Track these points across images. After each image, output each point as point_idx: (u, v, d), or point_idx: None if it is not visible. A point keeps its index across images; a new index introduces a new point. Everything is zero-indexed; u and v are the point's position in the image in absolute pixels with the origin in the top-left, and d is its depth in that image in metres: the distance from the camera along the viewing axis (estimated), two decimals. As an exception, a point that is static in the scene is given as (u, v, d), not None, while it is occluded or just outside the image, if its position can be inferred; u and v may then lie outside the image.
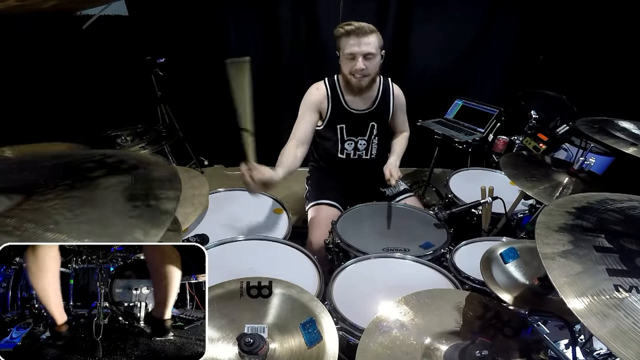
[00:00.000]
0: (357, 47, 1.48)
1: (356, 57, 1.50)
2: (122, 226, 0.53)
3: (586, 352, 0.77)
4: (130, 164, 0.67)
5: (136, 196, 0.58)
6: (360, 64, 1.50)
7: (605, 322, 0.48)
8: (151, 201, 0.58)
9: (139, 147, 2.07)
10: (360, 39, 1.46)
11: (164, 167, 0.67)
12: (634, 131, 1.26)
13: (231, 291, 0.91)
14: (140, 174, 0.64)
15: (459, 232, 1.41)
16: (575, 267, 0.55)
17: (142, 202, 0.57)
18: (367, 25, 1.48)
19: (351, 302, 1.05)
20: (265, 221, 1.51)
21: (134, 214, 0.55)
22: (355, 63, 1.50)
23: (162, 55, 2.58)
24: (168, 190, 0.61)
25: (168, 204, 0.58)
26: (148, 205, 0.57)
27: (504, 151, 2.47)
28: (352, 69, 1.53)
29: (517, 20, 2.69)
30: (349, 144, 1.72)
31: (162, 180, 0.63)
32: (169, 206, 0.57)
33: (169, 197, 0.59)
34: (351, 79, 1.57)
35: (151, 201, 0.58)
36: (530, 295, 0.91)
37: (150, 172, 0.65)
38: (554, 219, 0.66)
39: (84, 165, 0.66)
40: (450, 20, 2.68)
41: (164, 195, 0.59)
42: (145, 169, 0.66)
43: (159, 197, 0.58)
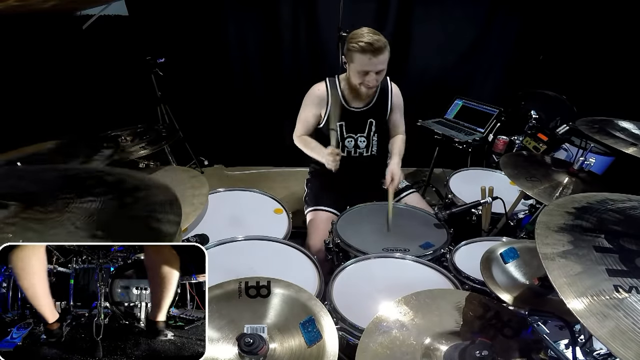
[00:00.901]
0: (371, 66, 1.49)
1: (370, 73, 1.51)
2: None
3: (586, 352, 0.77)
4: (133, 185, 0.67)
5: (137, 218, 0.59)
6: (374, 81, 1.53)
7: (605, 322, 0.48)
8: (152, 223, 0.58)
9: (139, 147, 2.07)
10: (377, 57, 1.46)
11: (164, 191, 0.67)
12: (634, 131, 1.26)
13: (230, 291, 0.91)
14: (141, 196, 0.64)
15: (459, 232, 1.41)
16: (575, 267, 0.55)
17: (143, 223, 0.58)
18: (381, 40, 1.46)
19: (351, 302, 1.05)
20: (265, 221, 1.51)
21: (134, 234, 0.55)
22: (367, 77, 1.53)
23: (162, 55, 2.58)
24: (169, 214, 0.61)
25: (169, 227, 0.58)
26: (149, 228, 0.57)
27: (504, 151, 2.47)
28: (364, 80, 1.55)
29: (517, 20, 2.69)
30: (348, 141, 1.74)
31: (162, 204, 0.63)
32: (170, 229, 0.58)
33: (170, 220, 0.59)
34: (360, 89, 1.60)
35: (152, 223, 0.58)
36: (530, 295, 0.91)
37: (151, 195, 0.65)
38: (554, 219, 0.66)
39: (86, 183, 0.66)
40: (450, 20, 2.67)
41: (165, 219, 0.59)
42: (146, 192, 0.66)
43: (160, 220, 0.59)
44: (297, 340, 0.80)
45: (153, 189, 0.67)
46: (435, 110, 2.74)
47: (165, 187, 0.69)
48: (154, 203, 0.63)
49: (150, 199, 0.64)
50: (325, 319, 0.84)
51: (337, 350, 0.77)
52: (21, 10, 1.69)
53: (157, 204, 0.63)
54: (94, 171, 0.70)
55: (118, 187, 0.66)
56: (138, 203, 0.63)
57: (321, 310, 0.86)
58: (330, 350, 0.77)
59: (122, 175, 0.71)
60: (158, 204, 0.63)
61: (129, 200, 0.63)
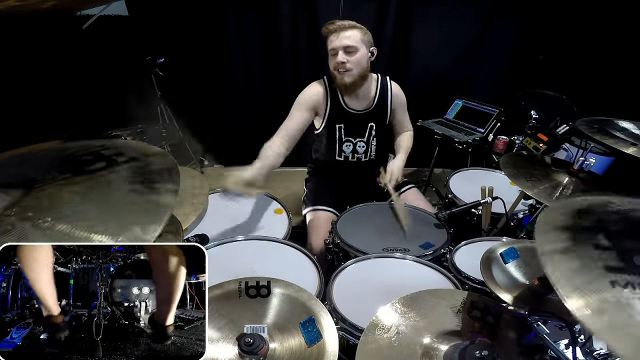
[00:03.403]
0: (336, 41, 1.51)
1: (337, 51, 1.52)
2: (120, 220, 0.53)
3: (586, 352, 0.77)
4: (129, 156, 0.66)
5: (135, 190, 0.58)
6: (340, 57, 1.51)
7: (600, 317, 0.48)
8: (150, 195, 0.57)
9: (139, 147, 2.07)
10: (339, 33, 1.51)
11: (163, 159, 0.67)
12: (634, 131, 1.26)
13: (230, 291, 0.91)
14: (139, 166, 0.64)
15: (459, 232, 1.41)
16: (573, 263, 0.55)
17: (141, 195, 0.57)
18: (348, 22, 1.53)
19: (351, 302, 1.05)
20: (265, 221, 1.51)
21: (132, 207, 0.55)
22: (337, 58, 1.53)
23: (162, 55, 2.58)
24: (167, 182, 0.60)
25: (167, 198, 0.57)
26: (146, 200, 0.57)
27: (504, 151, 2.47)
28: (335, 63, 1.55)
29: (517, 20, 2.69)
30: (347, 146, 1.71)
31: (160, 173, 0.63)
32: (168, 200, 0.57)
33: (168, 189, 0.59)
34: (336, 75, 1.58)
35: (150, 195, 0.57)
36: (530, 295, 0.91)
37: (149, 164, 0.65)
38: (554, 218, 0.66)
39: (82, 158, 0.65)
40: (450, 20, 2.67)
41: (163, 189, 0.59)
42: (143, 161, 0.65)
43: (158, 191, 0.58)
44: (297, 340, 0.80)
45: (151, 158, 0.67)
46: (435, 110, 2.74)
47: (164, 154, 0.69)
48: (151, 172, 0.62)
49: (148, 168, 0.63)
50: (325, 319, 0.84)
51: (337, 350, 0.77)
52: (21, 10, 1.70)
53: (155, 172, 0.62)
54: (92, 147, 0.69)
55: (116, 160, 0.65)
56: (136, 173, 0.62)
57: (321, 310, 0.86)
58: (330, 350, 0.77)
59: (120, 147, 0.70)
60: (156, 173, 0.62)
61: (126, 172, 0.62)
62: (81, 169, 0.61)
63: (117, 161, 0.64)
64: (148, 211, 0.55)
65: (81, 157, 0.66)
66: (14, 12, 1.77)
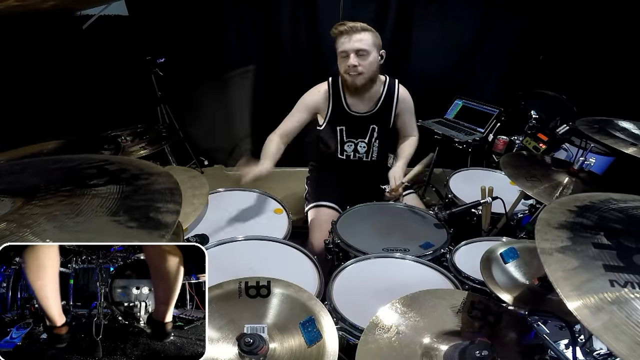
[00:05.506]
0: (348, 44, 1.50)
1: (348, 54, 1.51)
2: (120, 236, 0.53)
3: (586, 352, 0.77)
4: (132, 174, 0.67)
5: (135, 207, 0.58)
6: (352, 60, 1.51)
7: (599, 315, 0.48)
8: (150, 213, 0.57)
9: (139, 147, 2.07)
10: (351, 36, 1.49)
11: (165, 178, 0.67)
12: (634, 131, 1.26)
13: (230, 291, 0.91)
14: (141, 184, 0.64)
15: (459, 232, 1.41)
16: (572, 262, 0.55)
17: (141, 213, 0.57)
18: (361, 24, 1.51)
19: (351, 302, 1.05)
20: (265, 221, 1.51)
21: (132, 224, 0.55)
22: (348, 61, 1.52)
23: (162, 55, 2.58)
24: (168, 203, 0.60)
25: (168, 217, 0.57)
26: (147, 218, 0.57)
27: (504, 151, 2.47)
28: (346, 66, 1.54)
29: (517, 20, 2.68)
30: (348, 146, 1.72)
31: (162, 193, 0.63)
32: (169, 219, 0.57)
33: (169, 210, 0.59)
34: (347, 78, 1.58)
35: (150, 213, 0.57)
36: (530, 295, 0.91)
37: (152, 183, 0.65)
38: (554, 217, 0.66)
39: (86, 172, 0.65)
40: (450, 20, 2.67)
41: (164, 209, 0.59)
42: (146, 180, 0.65)
43: (159, 210, 0.58)
44: (297, 340, 0.80)
45: (155, 177, 0.67)
46: (435, 110, 2.74)
47: (167, 174, 0.69)
48: (153, 192, 0.62)
49: (150, 187, 0.63)
50: (325, 319, 0.84)
51: (337, 350, 0.77)
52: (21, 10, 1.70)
53: (156, 192, 0.62)
54: (95, 161, 0.69)
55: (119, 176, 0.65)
56: (138, 191, 0.62)
57: (321, 310, 0.86)
58: (330, 350, 0.77)
59: (124, 163, 0.70)
60: (158, 193, 0.62)
61: (129, 189, 0.62)
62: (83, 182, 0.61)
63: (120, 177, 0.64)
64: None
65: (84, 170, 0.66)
66: (14, 12, 1.76)
